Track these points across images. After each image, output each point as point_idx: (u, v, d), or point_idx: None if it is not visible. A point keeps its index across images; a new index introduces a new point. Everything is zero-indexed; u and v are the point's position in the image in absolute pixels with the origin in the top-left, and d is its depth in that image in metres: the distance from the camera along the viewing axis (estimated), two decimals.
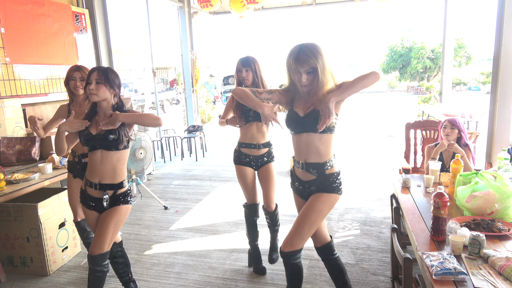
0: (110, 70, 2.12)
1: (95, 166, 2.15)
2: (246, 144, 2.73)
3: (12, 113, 3.69)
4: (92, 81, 2.06)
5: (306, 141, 1.95)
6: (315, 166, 1.96)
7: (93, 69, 2.10)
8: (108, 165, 2.14)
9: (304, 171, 2.00)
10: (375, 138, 8.38)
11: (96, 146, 2.13)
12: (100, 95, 2.08)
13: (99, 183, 2.16)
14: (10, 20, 3.76)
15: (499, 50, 3.84)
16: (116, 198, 2.20)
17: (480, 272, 1.52)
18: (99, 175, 2.15)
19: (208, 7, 6.42)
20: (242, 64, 2.61)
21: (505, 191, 1.97)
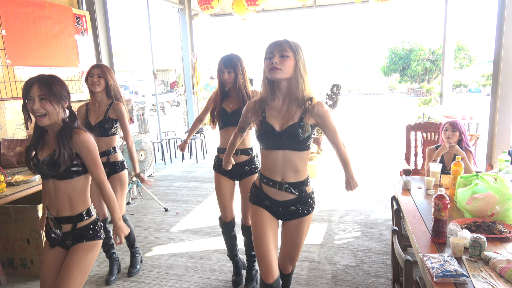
0: (53, 80, 1.69)
1: (50, 197, 1.80)
2: (224, 149, 2.39)
3: (13, 115, 3.69)
4: (34, 98, 1.63)
5: (283, 159, 1.76)
6: (295, 185, 1.80)
7: (31, 82, 1.65)
8: (63, 195, 1.76)
9: (282, 191, 1.80)
10: (375, 140, 8.37)
11: (46, 175, 1.76)
12: (51, 115, 1.67)
13: (55, 217, 1.80)
14: (11, 22, 3.77)
15: (500, 52, 3.84)
16: (79, 232, 1.80)
17: (481, 274, 1.52)
18: (55, 207, 1.79)
19: (209, 9, 6.43)
20: (224, 64, 2.35)
21: (506, 193, 1.97)
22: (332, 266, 3.00)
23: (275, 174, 1.80)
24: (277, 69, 1.67)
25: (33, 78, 1.69)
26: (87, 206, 1.84)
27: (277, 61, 1.67)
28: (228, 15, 8.38)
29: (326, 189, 4.94)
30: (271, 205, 1.85)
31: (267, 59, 1.71)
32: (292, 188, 1.80)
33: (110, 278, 2.88)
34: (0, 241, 3.00)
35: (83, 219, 1.82)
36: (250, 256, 2.72)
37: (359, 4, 7.19)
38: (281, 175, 1.79)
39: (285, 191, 1.80)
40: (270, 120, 1.77)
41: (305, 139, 1.73)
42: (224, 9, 7.97)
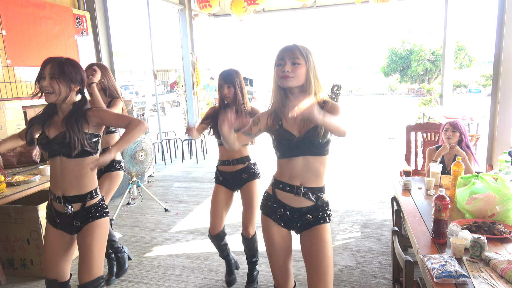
0: (67, 62, 1.77)
1: (55, 176, 1.82)
2: (222, 161, 2.58)
3: (13, 115, 3.69)
4: (45, 76, 1.73)
5: (303, 164, 1.69)
6: (314, 191, 1.72)
7: (47, 61, 1.75)
8: (70, 174, 1.80)
9: (299, 196, 1.71)
10: (375, 140, 8.37)
11: (55, 152, 1.78)
12: (58, 94, 1.74)
13: (62, 196, 1.82)
14: (11, 23, 3.77)
15: (500, 53, 3.84)
16: (87, 212, 1.84)
17: (482, 275, 1.51)
18: (61, 186, 1.82)
19: (207, 8, 6.43)
20: (225, 80, 2.42)
21: (506, 193, 1.97)
22: None
23: (293, 180, 1.71)
24: (289, 77, 1.62)
25: (51, 57, 1.78)
26: (95, 186, 1.88)
27: (288, 69, 1.62)
28: (228, 15, 8.38)
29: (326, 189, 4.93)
30: (284, 213, 1.74)
31: (278, 66, 1.66)
32: (310, 194, 1.71)
33: (110, 278, 2.88)
34: (0, 242, 3.00)
35: (93, 198, 1.86)
36: (251, 262, 2.72)
37: (359, 4, 7.20)
38: (300, 180, 1.70)
39: (302, 197, 1.71)
40: (288, 127, 1.70)
41: (325, 142, 1.68)
42: (224, 9, 7.98)
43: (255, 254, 2.68)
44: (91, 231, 1.83)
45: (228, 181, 2.60)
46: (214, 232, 2.63)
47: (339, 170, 5.83)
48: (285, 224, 1.77)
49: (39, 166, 3.25)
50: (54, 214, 1.88)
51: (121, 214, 4.30)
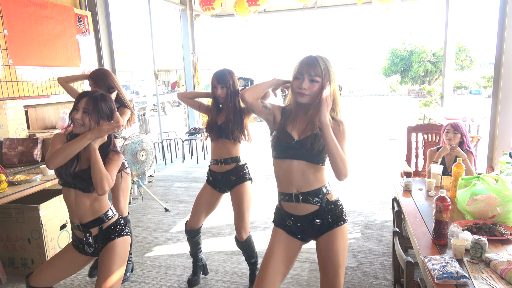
0: (101, 98, 1.84)
1: (70, 206, 1.90)
2: (212, 160, 2.58)
3: (15, 115, 3.70)
4: (79, 109, 1.82)
5: (297, 169, 1.67)
6: (312, 194, 1.69)
7: (83, 95, 1.84)
8: (85, 204, 1.88)
9: (300, 203, 1.69)
10: (376, 141, 8.37)
11: (71, 185, 1.86)
12: (86, 128, 1.82)
13: (80, 224, 1.89)
14: (13, 22, 3.78)
15: (501, 54, 3.84)
16: (105, 233, 1.90)
17: (482, 276, 1.52)
18: (76, 215, 1.89)
19: (210, 10, 6.44)
20: (218, 80, 2.45)
21: (507, 195, 1.97)
22: None
23: (289, 187, 1.70)
24: (305, 95, 1.63)
25: (86, 91, 1.88)
26: (107, 208, 1.94)
27: (305, 87, 1.61)
28: (229, 15, 8.40)
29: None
30: (294, 223, 1.73)
31: (296, 79, 1.65)
32: (310, 198, 1.68)
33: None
34: (1, 241, 3.00)
35: (108, 219, 1.92)
36: (251, 264, 2.72)
37: (361, 5, 7.21)
38: (296, 187, 1.69)
39: (303, 203, 1.68)
40: (289, 129, 1.70)
41: (320, 151, 1.66)
42: (225, 10, 7.99)
43: (252, 255, 2.67)
44: (111, 252, 1.88)
45: (216, 181, 2.59)
46: (190, 227, 2.67)
47: None
48: (294, 234, 1.75)
49: (40, 166, 3.25)
50: (77, 241, 1.95)
51: None
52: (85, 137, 1.78)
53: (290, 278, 2.84)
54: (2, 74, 3.68)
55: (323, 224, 1.70)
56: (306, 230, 1.73)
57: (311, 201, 1.69)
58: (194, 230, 2.67)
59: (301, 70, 1.63)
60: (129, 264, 2.98)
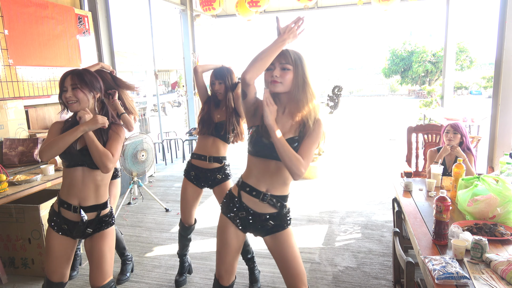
0: (85, 71, 1.87)
1: (74, 186, 1.88)
2: (197, 155, 2.58)
3: (15, 115, 3.70)
4: (67, 88, 1.82)
5: (273, 169, 1.67)
6: (279, 198, 1.71)
7: (65, 74, 1.85)
8: (91, 184, 1.89)
9: (264, 202, 1.70)
10: (376, 141, 8.37)
11: (78, 163, 1.86)
12: (81, 102, 1.83)
13: (79, 206, 1.89)
14: (14, 22, 3.78)
15: (501, 54, 3.84)
16: (100, 221, 1.94)
17: (483, 277, 1.52)
18: (79, 196, 1.89)
19: (211, 10, 6.44)
20: (216, 76, 2.50)
21: (507, 195, 1.97)
22: (332, 267, 3.00)
23: (260, 184, 1.69)
24: (277, 82, 1.62)
25: (68, 70, 1.86)
26: (107, 197, 1.99)
27: (277, 74, 1.61)
28: (229, 16, 8.40)
29: (327, 190, 4.94)
30: (246, 216, 1.74)
31: (267, 70, 1.64)
32: (275, 201, 1.70)
33: (122, 277, 2.89)
34: (2, 241, 3.00)
35: (106, 207, 1.96)
36: (248, 260, 2.70)
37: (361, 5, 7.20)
38: (267, 186, 1.70)
39: (267, 203, 1.70)
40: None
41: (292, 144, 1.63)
42: (225, 10, 7.99)
43: (247, 250, 2.65)
44: (103, 238, 1.92)
45: (199, 178, 2.62)
46: (186, 224, 2.74)
47: (340, 171, 5.83)
48: (243, 227, 1.77)
49: (41, 166, 3.25)
50: (61, 221, 1.91)
51: (122, 214, 4.31)
52: (78, 129, 1.78)
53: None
54: (2, 74, 3.68)
55: (274, 225, 1.74)
56: (256, 226, 1.76)
57: (274, 204, 1.71)
58: (190, 226, 2.75)
59: (273, 60, 1.62)
60: (129, 264, 2.98)
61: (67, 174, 1.90)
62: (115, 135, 1.90)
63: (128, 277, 2.92)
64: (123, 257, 2.96)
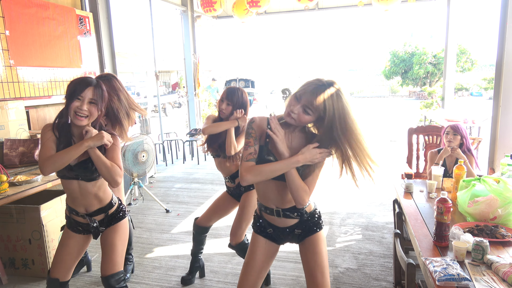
0: (103, 87, 1.81)
1: (75, 197, 1.91)
2: (224, 178, 2.64)
3: (16, 115, 3.70)
4: (84, 99, 1.71)
5: (278, 188, 1.67)
6: (293, 209, 1.71)
7: (86, 83, 1.72)
8: (90, 194, 1.91)
9: (281, 218, 1.73)
10: (377, 143, 8.37)
11: (72, 177, 1.85)
12: (92, 118, 1.77)
13: (86, 213, 1.95)
14: (15, 23, 3.79)
15: (502, 56, 3.84)
16: (109, 218, 2.01)
17: (484, 278, 1.51)
18: (82, 205, 1.93)
19: (211, 12, 6.46)
20: (227, 96, 2.49)
21: (508, 196, 1.96)
22: (333, 269, 2.99)
23: (269, 202, 1.72)
24: (293, 119, 1.57)
25: (86, 79, 1.76)
26: (111, 196, 2.03)
27: (296, 111, 1.54)
28: (230, 17, 8.40)
29: (327, 191, 4.93)
30: (274, 232, 1.78)
31: (295, 99, 1.56)
32: (290, 213, 1.72)
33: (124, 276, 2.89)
34: (2, 241, 3.00)
35: (113, 206, 2.02)
36: None
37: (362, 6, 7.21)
38: (275, 203, 1.71)
39: (284, 218, 1.72)
40: (273, 149, 1.63)
41: (303, 171, 1.64)
42: (226, 11, 8.00)
43: None
44: (115, 231, 2.00)
45: (232, 192, 2.67)
46: (201, 224, 2.73)
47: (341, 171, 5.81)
48: (274, 241, 1.81)
49: None
50: (74, 223, 2.00)
51: None
52: (83, 145, 1.75)
53: (291, 280, 2.84)
54: (3, 75, 3.68)
55: (303, 232, 1.76)
56: (286, 238, 1.79)
57: (291, 216, 1.73)
58: (202, 227, 2.73)
59: (303, 91, 1.55)
60: (130, 265, 2.98)
61: (65, 185, 1.92)
62: (113, 146, 1.88)
63: (128, 278, 2.92)
64: (126, 255, 2.96)
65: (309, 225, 1.75)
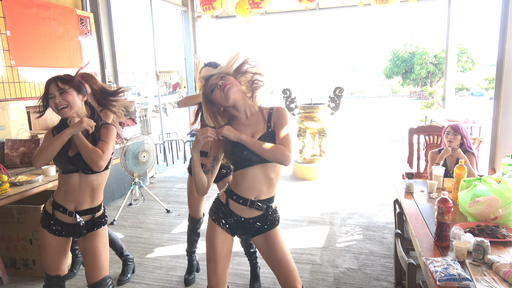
0: (67, 76, 1.86)
1: (71, 192, 1.90)
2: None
3: (17, 115, 3.71)
4: (54, 94, 1.80)
5: (260, 174, 1.69)
6: (265, 202, 1.75)
7: (49, 81, 1.82)
8: (87, 189, 1.92)
9: (251, 209, 1.74)
10: (378, 143, 8.37)
11: (72, 169, 1.88)
12: (72, 106, 1.82)
13: (75, 210, 1.92)
14: (16, 23, 3.79)
15: (503, 56, 3.84)
16: (93, 222, 1.99)
17: (485, 279, 1.51)
18: (75, 201, 1.92)
19: (211, 10, 6.45)
20: None
21: (509, 196, 1.96)
22: (334, 269, 2.99)
23: (250, 193, 1.72)
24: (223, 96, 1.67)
25: (50, 78, 1.85)
26: (101, 200, 2.03)
27: (219, 90, 1.66)
28: (231, 17, 8.41)
29: (328, 191, 4.93)
30: (235, 222, 1.78)
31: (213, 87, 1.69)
32: (261, 204, 1.75)
33: (123, 278, 2.89)
34: (3, 241, 3.00)
35: (100, 209, 2.02)
36: (250, 254, 2.71)
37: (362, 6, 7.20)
38: (256, 193, 1.73)
39: (253, 208, 1.74)
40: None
41: None
42: (227, 11, 8.00)
43: (250, 244, 2.66)
44: (97, 237, 1.97)
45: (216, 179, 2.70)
46: (197, 217, 2.79)
47: (341, 172, 5.82)
48: (231, 231, 1.81)
49: (42, 166, 3.26)
50: (54, 222, 1.95)
51: (123, 215, 4.31)
52: (64, 133, 1.80)
53: None
54: (4, 75, 3.69)
55: (262, 226, 1.79)
56: (244, 229, 1.81)
57: (260, 207, 1.75)
58: (200, 218, 2.81)
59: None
60: (130, 265, 2.98)
61: (64, 180, 1.92)
62: (105, 134, 1.91)
63: (129, 278, 2.92)
64: (123, 257, 2.96)
65: (270, 220, 1.79)
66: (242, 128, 1.72)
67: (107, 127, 1.94)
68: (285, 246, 1.81)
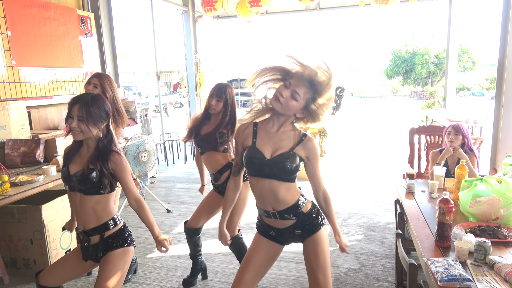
0: (93, 103, 1.78)
1: (76, 210, 1.87)
2: (210, 174, 2.67)
3: (17, 116, 3.71)
4: (74, 117, 1.77)
5: (269, 188, 1.68)
6: (288, 211, 1.72)
7: (74, 101, 1.78)
8: (88, 208, 1.83)
9: (278, 219, 1.74)
10: (378, 143, 8.36)
11: (74, 187, 1.83)
12: (85, 134, 1.79)
13: (83, 231, 1.86)
14: (16, 23, 3.79)
15: (504, 56, 3.83)
16: (106, 242, 1.85)
17: (486, 279, 1.51)
18: (81, 220, 1.86)
19: (212, 11, 6.45)
20: (216, 93, 2.48)
21: (510, 197, 1.96)
22: (335, 269, 2.99)
23: (265, 204, 1.74)
24: (280, 104, 1.60)
25: (77, 97, 1.81)
26: (112, 215, 1.89)
27: (284, 95, 1.59)
28: (231, 17, 8.41)
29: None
30: (276, 233, 1.80)
31: (283, 84, 1.61)
32: (286, 215, 1.73)
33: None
34: (4, 241, 3.00)
35: (109, 228, 1.86)
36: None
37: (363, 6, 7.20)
38: (271, 205, 1.72)
39: (281, 219, 1.74)
40: (260, 147, 1.67)
41: (293, 169, 1.66)
42: (227, 11, 8.00)
43: (242, 254, 2.65)
44: (109, 260, 1.83)
45: (219, 189, 2.69)
46: (188, 226, 2.74)
47: (342, 172, 5.82)
48: (278, 241, 1.83)
49: (43, 166, 3.26)
50: (81, 241, 1.93)
51: (123, 215, 4.31)
52: None
53: (292, 280, 2.84)
54: (5, 75, 3.69)
55: (303, 233, 1.77)
56: (288, 238, 1.81)
57: (288, 217, 1.74)
58: (193, 229, 2.73)
59: (293, 76, 1.61)
60: (132, 265, 2.98)
61: (69, 197, 1.93)
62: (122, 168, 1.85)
63: (130, 278, 2.92)
64: None
65: (308, 225, 1.76)
66: (267, 137, 1.70)
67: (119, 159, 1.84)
68: (322, 256, 1.75)
